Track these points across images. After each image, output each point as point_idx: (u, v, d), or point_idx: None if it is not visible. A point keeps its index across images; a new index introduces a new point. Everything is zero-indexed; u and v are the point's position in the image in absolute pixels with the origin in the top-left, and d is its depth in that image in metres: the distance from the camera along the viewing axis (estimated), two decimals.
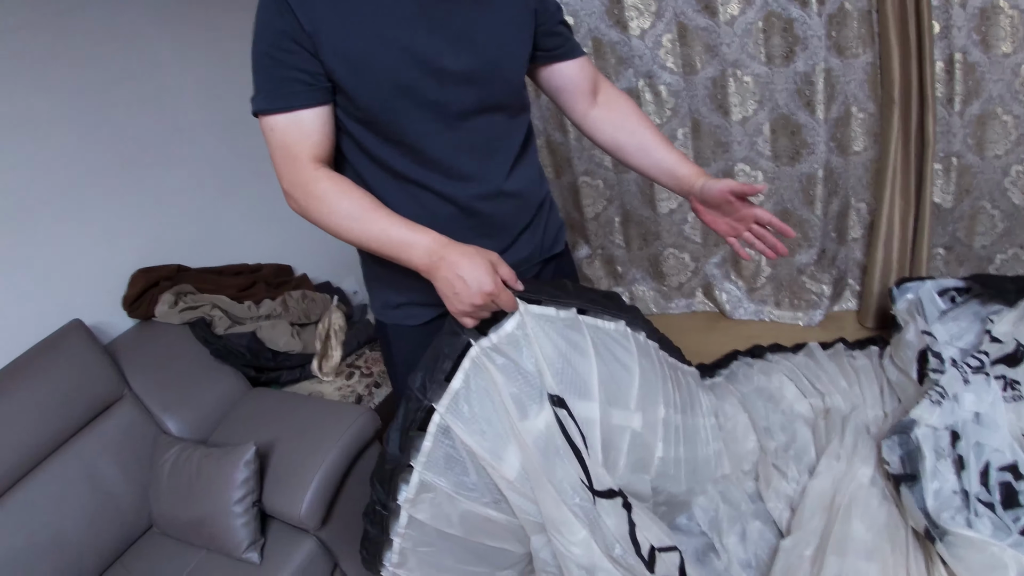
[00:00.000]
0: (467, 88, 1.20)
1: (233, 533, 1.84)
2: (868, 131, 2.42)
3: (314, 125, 1.17)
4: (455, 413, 1.25)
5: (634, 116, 1.43)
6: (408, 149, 1.22)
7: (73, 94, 2.21)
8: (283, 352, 2.46)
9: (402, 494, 1.33)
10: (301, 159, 1.16)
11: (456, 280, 1.11)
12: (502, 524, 1.39)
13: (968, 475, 1.67)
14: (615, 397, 1.45)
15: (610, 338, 1.50)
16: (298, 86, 1.13)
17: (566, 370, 1.33)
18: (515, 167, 1.34)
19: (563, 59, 1.38)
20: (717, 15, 2.29)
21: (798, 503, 1.85)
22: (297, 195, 1.18)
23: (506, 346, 1.26)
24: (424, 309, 1.39)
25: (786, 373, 2.30)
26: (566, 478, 1.30)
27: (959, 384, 1.82)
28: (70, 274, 2.24)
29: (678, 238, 2.90)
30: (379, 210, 1.17)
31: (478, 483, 1.33)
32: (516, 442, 1.28)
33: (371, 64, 1.13)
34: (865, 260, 2.65)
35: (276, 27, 1.10)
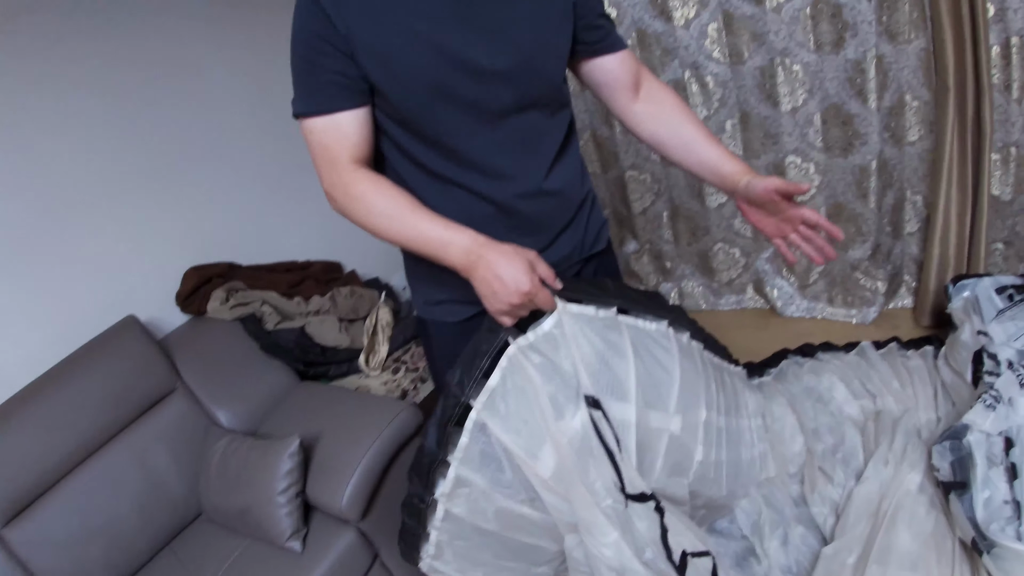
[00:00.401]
0: (504, 86, 1.19)
1: (276, 522, 1.90)
2: (923, 120, 2.32)
3: (352, 127, 1.18)
4: (491, 410, 1.26)
5: (677, 110, 1.39)
6: (445, 149, 1.22)
7: (121, 95, 2.29)
8: (331, 347, 2.51)
9: (439, 488, 1.34)
10: (340, 160, 1.18)
11: (494, 280, 1.11)
12: (537, 522, 1.39)
13: (1021, 484, 1.60)
14: (654, 399, 1.43)
15: (651, 339, 1.48)
16: (335, 89, 1.15)
17: (603, 371, 1.32)
18: (555, 165, 1.32)
19: (604, 53, 1.35)
20: (764, 2, 2.23)
21: (843, 509, 1.80)
22: (337, 196, 1.20)
23: (544, 345, 1.26)
24: (464, 306, 1.39)
25: (837, 373, 2.24)
26: (599, 479, 1.30)
27: (1015, 388, 1.74)
28: (125, 271, 2.33)
29: (728, 232, 2.85)
30: (418, 210, 1.17)
31: (513, 480, 1.33)
32: (551, 441, 1.28)
33: (406, 64, 1.13)
34: (921, 255, 2.56)
35: (311, 30, 1.11)
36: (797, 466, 1.98)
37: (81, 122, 2.19)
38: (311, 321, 2.50)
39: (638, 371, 1.38)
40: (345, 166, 1.19)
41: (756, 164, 2.62)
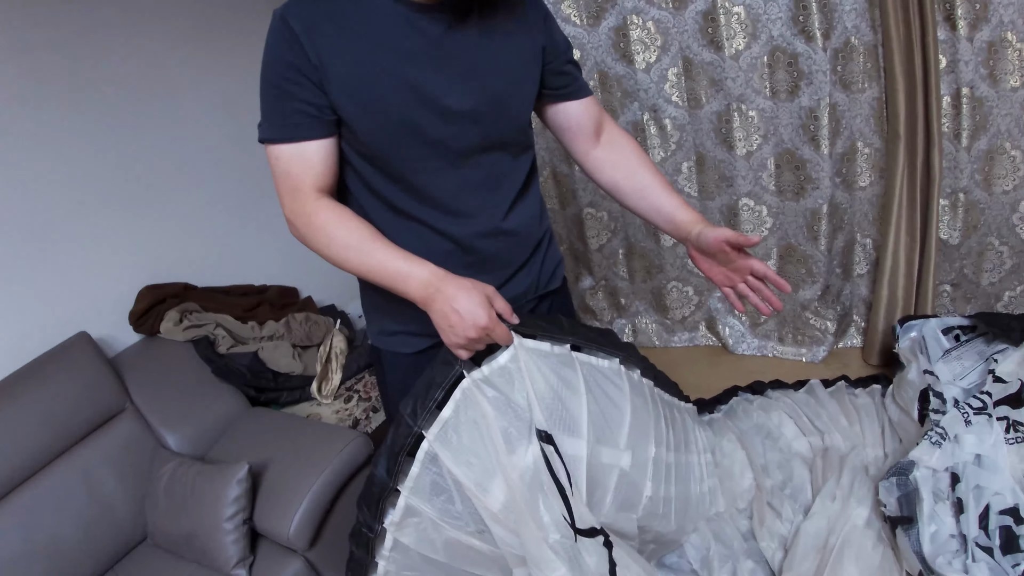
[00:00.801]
0: (471, 127, 1.21)
1: (223, 549, 1.86)
2: (874, 166, 2.40)
3: (318, 157, 1.18)
4: (443, 442, 1.26)
5: (635, 158, 1.43)
6: (408, 185, 1.24)
7: (90, 112, 2.28)
8: (284, 373, 2.48)
9: (388, 517, 1.34)
10: (303, 189, 1.18)
11: (451, 313, 1.12)
12: (486, 554, 1.38)
13: (967, 518, 1.63)
14: (604, 435, 1.44)
15: (603, 376, 1.50)
16: (303, 118, 1.14)
17: (556, 406, 1.33)
18: (515, 206, 1.34)
19: (569, 99, 1.39)
20: (723, 50, 2.30)
21: (791, 543, 1.82)
22: (299, 224, 1.20)
23: (498, 379, 1.26)
24: (419, 338, 1.39)
25: (786, 410, 2.27)
26: (548, 514, 1.29)
27: (960, 425, 1.78)
28: (79, 287, 2.29)
29: (681, 271, 2.89)
30: (378, 241, 1.18)
31: (463, 512, 1.33)
32: (502, 475, 1.28)
33: (375, 99, 1.14)
34: (870, 297, 2.63)
35: (284, 58, 1.11)
36: (746, 501, 2.00)
37: (45, 136, 2.17)
38: (264, 346, 2.47)
39: (590, 407, 1.40)
40: (308, 195, 1.18)
41: (710, 206, 2.68)
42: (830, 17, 2.17)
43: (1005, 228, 2.29)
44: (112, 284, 2.37)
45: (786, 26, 2.21)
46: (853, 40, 2.21)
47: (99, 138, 2.30)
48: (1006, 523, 1.62)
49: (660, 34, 2.41)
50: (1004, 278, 2.38)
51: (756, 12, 2.23)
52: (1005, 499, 1.66)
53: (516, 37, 1.24)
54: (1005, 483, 1.68)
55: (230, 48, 2.65)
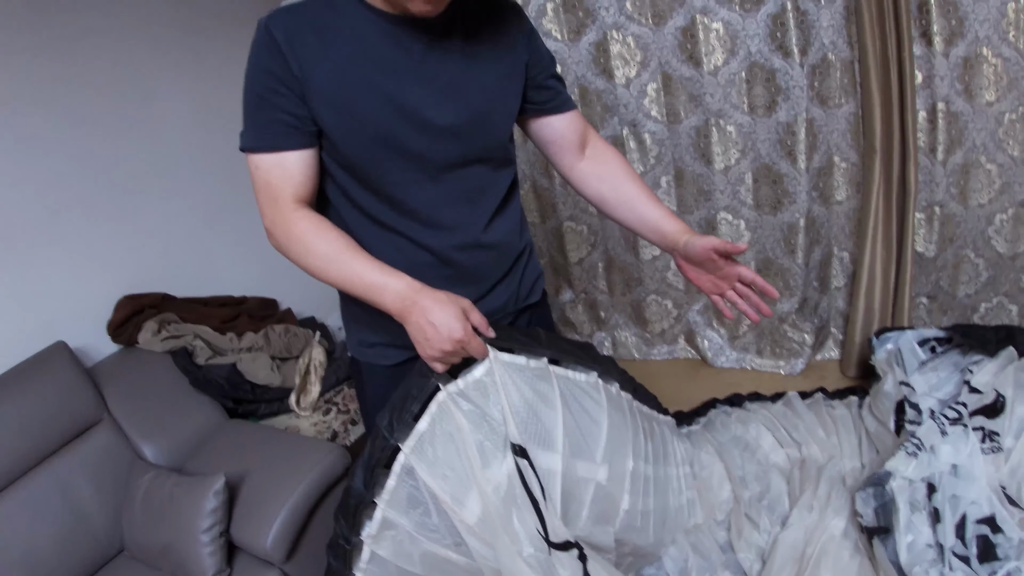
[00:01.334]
0: (451, 141, 1.22)
1: (199, 561, 1.84)
2: (850, 180, 2.43)
3: (297, 167, 1.18)
4: (420, 455, 1.25)
5: (620, 170, 1.44)
6: (388, 198, 1.24)
7: (71, 119, 2.26)
8: (262, 385, 2.46)
9: (365, 530, 1.33)
10: (283, 199, 1.18)
11: (427, 326, 1.12)
12: (462, 567, 1.38)
13: (943, 528, 1.64)
14: (581, 449, 1.45)
15: (580, 390, 1.50)
16: (284, 128, 1.15)
17: (531, 420, 1.33)
18: (494, 219, 1.34)
19: (553, 113, 1.39)
20: (701, 65, 2.33)
21: (769, 554, 1.82)
22: (277, 233, 1.20)
23: (473, 392, 1.26)
24: (398, 350, 1.39)
25: (764, 422, 2.28)
26: (523, 528, 1.29)
27: (936, 436, 1.80)
28: (57, 296, 2.27)
29: (661, 285, 2.91)
30: (355, 252, 1.18)
31: (440, 525, 1.32)
32: (477, 489, 1.28)
33: (356, 111, 1.14)
34: (848, 309, 2.65)
35: (265, 68, 1.11)
36: (724, 513, 2.00)
37: (22, 141, 2.15)
38: (243, 358, 2.45)
39: (566, 421, 1.40)
40: (287, 204, 1.18)
41: (689, 219, 2.70)
42: (807, 33, 2.20)
43: (981, 241, 2.32)
44: (90, 293, 2.35)
45: (764, 42, 2.24)
46: (830, 56, 2.24)
47: (78, 144, 2.29)
48: (983, 532, 1.63)
49: (640, 49, 2.43)
50: (980, 290, 2.41)
51: (734, 28, 2.26)
52: (981, 508, 1.67)
53: (499, 52, 1.25)
54: (981, 492, 1.70)
55: (213, 57, 2.65)
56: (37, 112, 2.17)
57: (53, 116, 2.21)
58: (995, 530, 1.63)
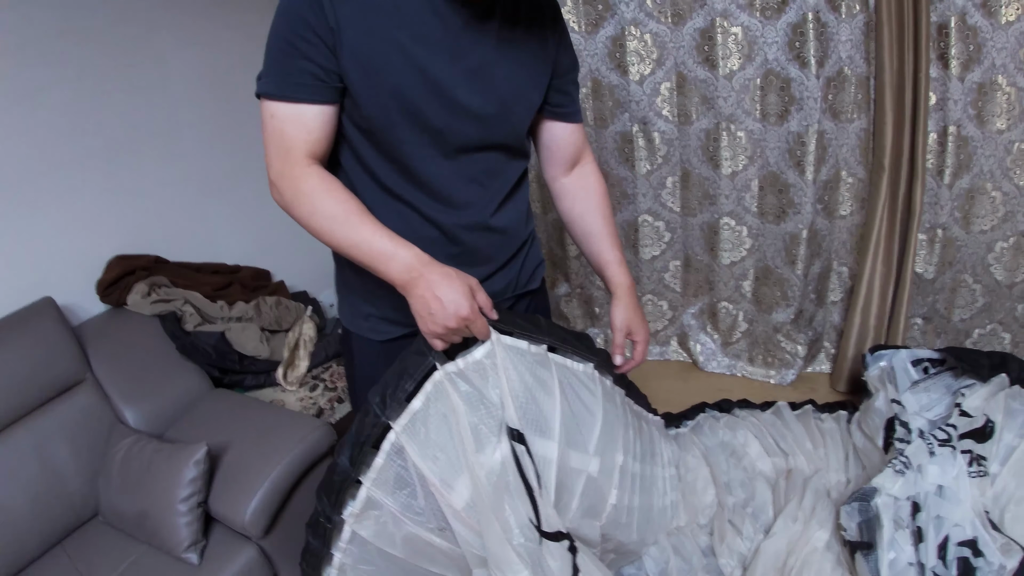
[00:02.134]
0: (473, 124, 1.20)
1: (175, 531, 1.81)
2: (856, 196, 2.43)
3: (316, 122, 1.15)
4: (411, 434, 1.23)
5: (595, 199, 1.47)
6: (402, 167, 1.22)
7: (73, 73, 2.22)
8: (250, 356, 2.43)
9: (347, 508, 1.31)
10: (295, 152, 1.14)
11: (433, 300, 1.09)
12: (445, 551, 1.36)
13: (926, 548, 1.64)
14: (575, 439, 1.43)
15: (577, 379, 1.49)
16: (310, 79, 1.11)
17: (530, 406, 1.31)
18: (504, 204, 1.34)
19: (561, 120, 1.40)
20: (717, 68, 2.32)
21: (751, 562, 1.82)
22: (284, 187, 1.16)
23: (473, 373, 1.24)
24: (391, 326, 1.38)
25: (752, 430, 2.28)
26: (514, 516, 1.27)
27: (924, 455, 1.80)
28: (47, 252, 2.23)
29: (658, 285, 2.90)
30: (364, 216, 1.15)
31: (425, 508, 1.30)
32: (469, 473, 1.26)
33: (385, 75, 1.12)
34: (842, 324, 2.66)
35: (301, 15, 1.07)
36: (707, 518, 1.99)
37: (22, 92, 2.10)
38: (232, 327, 2.42)
39: (563, 409, 1.38)
40: (299, 159, 1.15)
41: (692, 222, 2.69)
42: (825, 45, 2.19)
43: (980, 267, 2.32)
44: (82, 251, 2.31)
45: (781, 50, 2.23)
46: (846, 70, 2.23)
47: (80, 98, 2.24)
48: (964, 554, 1.63)
49: (656, 47, 2.42)
50: (975, 315, 2.42)
51: (753, 34, 2.25)
52: (964, 531, 1.67)
53: (532, 45, 1.24)
54: (965, 515, 1.70)
55: (226, 28, 2.61)
56: (37, 65, 2.13)
57: (55, 70, 2.16)
58: (976, 554, 1.63)
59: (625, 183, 2.74)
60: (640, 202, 2.74)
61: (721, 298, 2.78)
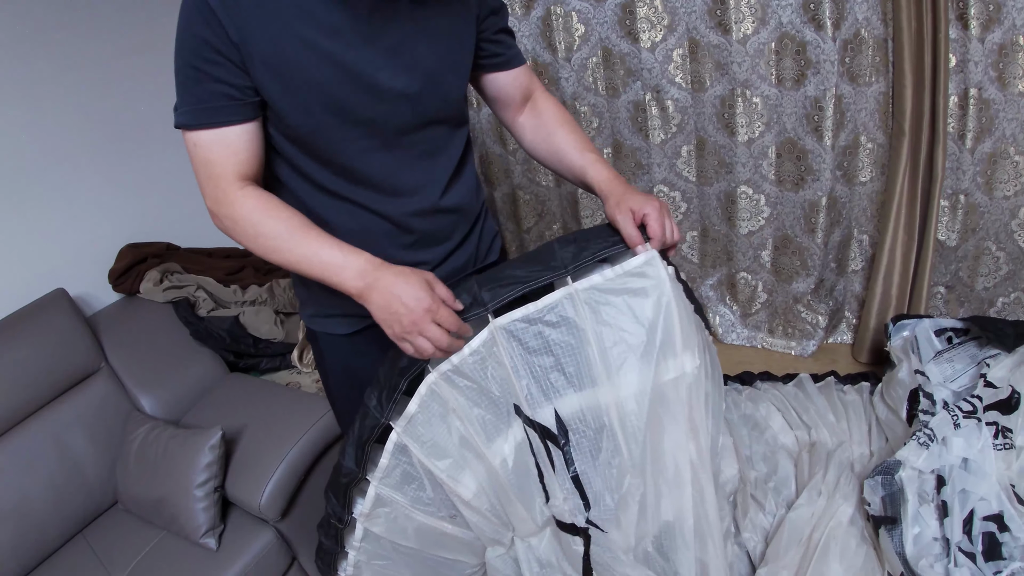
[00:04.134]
0: (404, 105, 1.15)
1: (193, 516, 1.82)
2: (876, 162, 2.37)
3: (240, 142, 1.09)
4: (412, 435, 1.21)
5: (553, 120, 1.38)
6: (340, 168, 1.17)
7: (79, 63, 2.21)
8: (264, 339, 2.43)
9: (358, 507, 1.30)
10: (226, 177, 1.10)
11: (392, 300, 1.06)
12: (458, 537, 1.37)
13: (951, 522, 1.61)
14: (649, 351, 1.21)
15: (619, 287, 1.19)
16: (224, 100, 1.05)
17: (552, 370, 1.21)
18: (452, 182, 1.29)
19: (502, 69, 1.34)
20: (730, 33, 2.25)
21: (773, 535, 1.80)
22: (222, 214, 1.12)
23: (470, 367, 1.18)
24: (352, 319, 1.34)
25: (774, 403, 2.25)
26: (537, 495, 1.30)
27: (949, 428, 1.76)
28: (59, 243, 2.24)
29: (675, 257, 2.86)
30: (308, 230, 1.11)
31: (435, 498, 1.30)
32: (481, 464, 1.25)
33: (300, 78, 1.06)
34: (864, 293, 2.60)
35: (199, 35, 1.01)
36: (729, 491, 1.98)
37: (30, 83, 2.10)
38: (246, 311, 2.42)
39: (602, 342, 1.20)
40: (231, 183, 1.10)
41: (708, 191, 2.64)
42: (841, 7, 2.12)
43: (1003, 234, 2.26)
44: (93, 240, 2.32)
45: (796, 13, 2.16)
46: (863, 32, 2.16)
47: (88, 88, 2.24)
48: (990, 529, 1.60)
49: (667, 13, 2.35)
50: (999, 284, 2.36)
51: None
52: (990, 505, 1.64)
53: (451, 7, 1.17)
54: (991, 489, 1.67)
55: None
56: (43, 57, 2.12)
57: (59, 61, 2.16)
58: (1002, 528, 1.60)
59: (639, 153, 2.69)
60: (655, 172, 2.69)
61: (740, 269, 2.73)
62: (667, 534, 1.34)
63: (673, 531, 1.32)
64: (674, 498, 1.30)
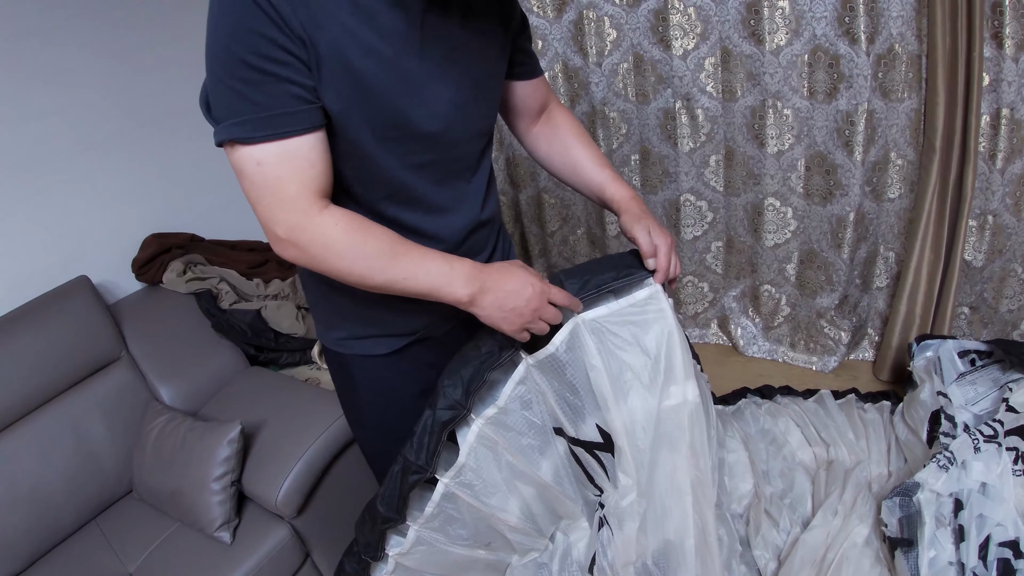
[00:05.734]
0: (458, 116, 1.09)
1: (208, 510, 1.83)
2: (905, 179, 2.34)
3: (315, 153, 0.95)
4: (462, 483, 1.22)
5: (570, 133, 1.36)
6: (392, 187, 1.09)
7: (109, 52, 2.23)
8: (285, 334, 2.43)
9: (394, 548, 1.31)
10: (304, 197, 0.95)
11: (508, 297, 1.05)
12: (485, 560, 1.40)
13: (967, 547, 1.60)
14: (655, 380, 1.26)
15: (626, 319, 1.24)
16: (295, 104, 0.91)
17: (573, 400, 1.25)
18: (488, 193, 1.27)
19: (524, 78, 1.31)
20: (763, 43, 2.23)
21: (786, 554, 1.79)
22: (302, 242, 0.97)
23: (513, 407, 1.20)
24: (391, 339, 1.28)
25: (794, 418, 2.24)
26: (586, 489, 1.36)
27: (969, 451, 1.74)
28: (83, 231, 2.25)
29: (699, 267, 2.85)
30: (408, 244, 1.03)
31: (475, 531, 1.32)
32: (530, 486, 1.29)
33: (365, 84, 0.95)
34: (887, 311, 2.58)
35: (257, 31, 0.86)
36: (743, 506, 1.97)
37: (58, 72, 2.11)
38: (268, 305, 2.42)
39: (611, 369, 1.22)
40: (311, 203, 0.95)
41: (735, 202, 2.63)
42: (876, 21, 2.10)
43: None
44: (117, 229, 2.33)
45: (830, 26, 2.14)
46: (897, 48, 2.14)
47: (115, 78, 2.25)
48: (1005, 555, 1.58)
49: (700, 21, 2.34)
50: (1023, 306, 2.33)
51: (801, 8, 2.16)
52: (1007, 531, 1.62)
53: (492, 19, 1.12)
54: (1008, 515, 1.65)
55: None
56: (74, 45, 2.14)
57: (90, 50, 2.18)
58: (1017, 555, 1.58)
59: (667, 161, 2.67)
60: (682, 181, 2.67)
61: (764, 281, 2.71)
62: (667, 552, 1.35)
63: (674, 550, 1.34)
64: (675, 518, 1.32)
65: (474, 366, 1.15)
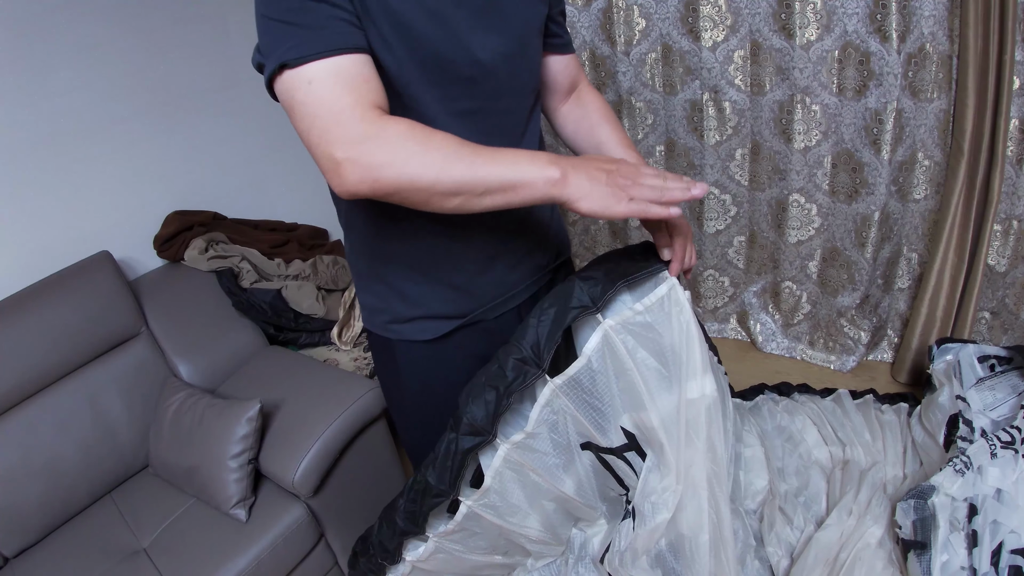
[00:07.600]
0: (500, 64, 1.07)
1: (224, 487, 1.84)
2: (931, 180, 2.32)
3: (368, 69, 0.92)
4: (485, 505, 1.22)
5: (596, 114, 1.32)
6: None
7: (135, 29, 2.22)
8: (305, 315, 2.44)
9: (412, 554, 1.32)
10: (362, 104, 0.89)
11: (596, 170, 0.94)
12: (499, 564, 1.42)
13: (979, 552, 1.59)
14: (675, 373, 1.25)
15: (647, 321, 1.20)
16: (343, 25, 0.90)
17: (601, 408, 1.22)
18: None
19: (555, 52, 1.28)
20: (793, 38, 2.21)
21: (799, 553, 1.79)
22: (364, 154, 0.88)
23: (538, 429, 1.18)
24: (440, 322, 1.25)
25: (811, 416, 2.23)
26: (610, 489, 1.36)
27: (985, 457, 1.73)
28: (106, 206, 2.26)
29: (720, 260, 2.84)
30: (475, 144, 0.94)
31: (492, 544, 1.34)
32: (552, 502, 1.30)
33: (409, 26, 0.95)
34: (908, 312, 2.56)
35: None
36: (757, 502, 1.97)
37: (84, 48, 2.11)
38: (289, 285, 2.43)
39: (640, 369, 1.20)
40: (368, 109, 0.89)
41: (760, 197, 2.61)
42: (908, 19, 2.08)
43: None
44: (140, 206, 2.34)
45: (862, 22, 2.12)
46: (928, 47, 2.11)
47: (140, 55, 2.25)
48: (1017, 563, 1.58)
49: (731, 13, 2.32)
50: None
51: (833, 4, 2.14)
52: (1020, 538, 1.61)
53: None
54: (1022, 522, 1.64)
55: None
56: (97, 21, 2.13)
57: (116, 27, 2.18)
58: None
59: (692, 153, 2.66)
60: (707, 173, 2.66)
61: (785, 277, 2.70)
62: (681, 543, 1.33)
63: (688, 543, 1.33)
64: (692, 511, 1.30)
65: (499, 390, 1.11)
